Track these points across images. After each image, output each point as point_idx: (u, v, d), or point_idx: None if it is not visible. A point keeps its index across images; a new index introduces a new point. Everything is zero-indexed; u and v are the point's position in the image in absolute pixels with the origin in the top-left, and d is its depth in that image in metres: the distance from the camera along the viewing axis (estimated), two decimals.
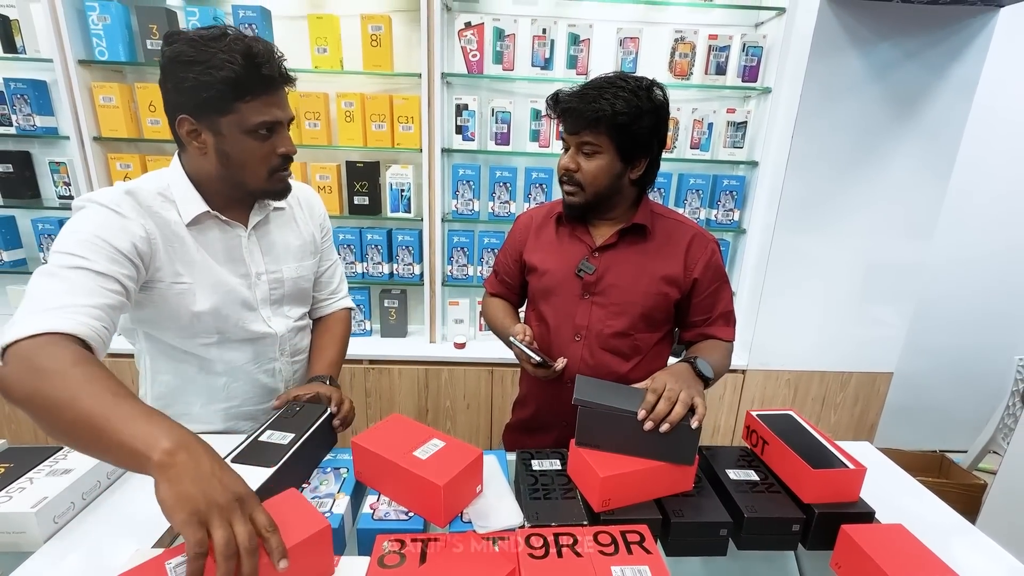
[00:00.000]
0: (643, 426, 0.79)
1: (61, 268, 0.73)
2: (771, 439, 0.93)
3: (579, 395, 0.80)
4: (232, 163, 0.86)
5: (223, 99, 0.80)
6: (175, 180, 0.89)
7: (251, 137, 0.84)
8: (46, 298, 0.70)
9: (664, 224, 1.06)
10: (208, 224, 0.92)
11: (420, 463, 0.78)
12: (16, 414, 1.96)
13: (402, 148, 1.89)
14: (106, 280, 0.76)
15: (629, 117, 0.92)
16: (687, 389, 0.84)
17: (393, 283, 2.06)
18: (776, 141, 1.83)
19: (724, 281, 1.09)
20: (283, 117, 0.86)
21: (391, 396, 2.00)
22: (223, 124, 0.82)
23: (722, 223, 1.99)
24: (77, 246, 0.75)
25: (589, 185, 0.98)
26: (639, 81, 0.95)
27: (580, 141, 0.96)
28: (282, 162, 0.89)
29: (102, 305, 0.73)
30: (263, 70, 0.80)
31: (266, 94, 0.83)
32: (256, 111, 0.82)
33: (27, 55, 1.77)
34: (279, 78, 0.84)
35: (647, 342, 1.08)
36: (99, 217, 0.80)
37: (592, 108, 0.91)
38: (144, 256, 0.83)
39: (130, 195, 0.84)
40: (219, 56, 0.77)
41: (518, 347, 1.00)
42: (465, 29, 1.78)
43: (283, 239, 1.02)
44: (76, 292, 0.71)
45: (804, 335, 1.99)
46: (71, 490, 0.80)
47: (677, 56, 1.81)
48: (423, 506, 0.77)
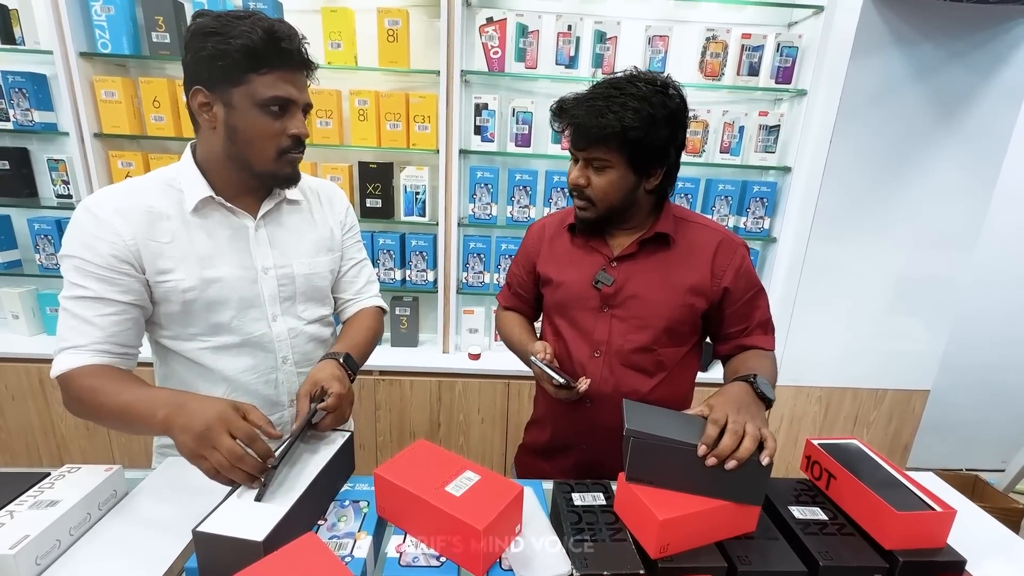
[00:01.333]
0: (705, 462, 0.70)
1: (69, 300, 0.81)
2: (839, 473, 0.83)
3: (631, 425, 0.70)
4: (239, 138, 0.82)
5: (237, 68, 0.78)
6: (184, 168, 0.87)
7: (262, 112, 0.80)
8: (65, 336, 0.81)
9: (688, 230, 0.98)
10: (213, 211, 0.88)
11: (454, 501, 0.69)
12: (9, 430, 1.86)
13: (417, 149, 1.81)
14: (103, 305, 0.81)
15: (641, 130, 0.83)
16: (752, 420, 0.75)
17: (405, 290, 1.97)
18: (811, 146, 1.74)
19: (759, 288, 1.00)
20: (297, 97, 0.83)
21: (402, 409, 1.90)
22: (235, 95, 0.79)
23: (751, 231, 1.90)
24: (73, 273, 0.81)
25: (601, 200, 0.92)
26: (651, 83, 0.86)
27: (589, 156, 0.89)
28: (293, 144, 0.84)
29: (105, 336, 0.82)
30: (282, 44, 0.78)
31: (282, 69, 0.80)
32: (269, 85, 0.79)
33: (26, 47, 1.69)
34: (297, 57, 0.81)
35: (671, 358, 1.00)
36: (83, 226, 0.81)
37: (599, 124, 0.84)
38: (130, 259, 0.82)
39: (119, 194, 0.84)
40: (240, 28, 0.76)
41: (539, 367, 0.93)
42: (487, 25, 1.69)
43: (296, 232, 0.96)
44: (82, 331, 0.81)
45: (837, 350, 1.89)
46: (57, 526, 0.71)
47: (708, 56, 1.73)
48: (458, 551, 0.67)
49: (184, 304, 0.86)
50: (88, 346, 0.80)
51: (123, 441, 1.91)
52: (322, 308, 1.03)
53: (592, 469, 1.07)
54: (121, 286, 0.82)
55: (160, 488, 0.85)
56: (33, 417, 1.86)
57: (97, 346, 0.81)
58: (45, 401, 1.84)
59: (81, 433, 1.89)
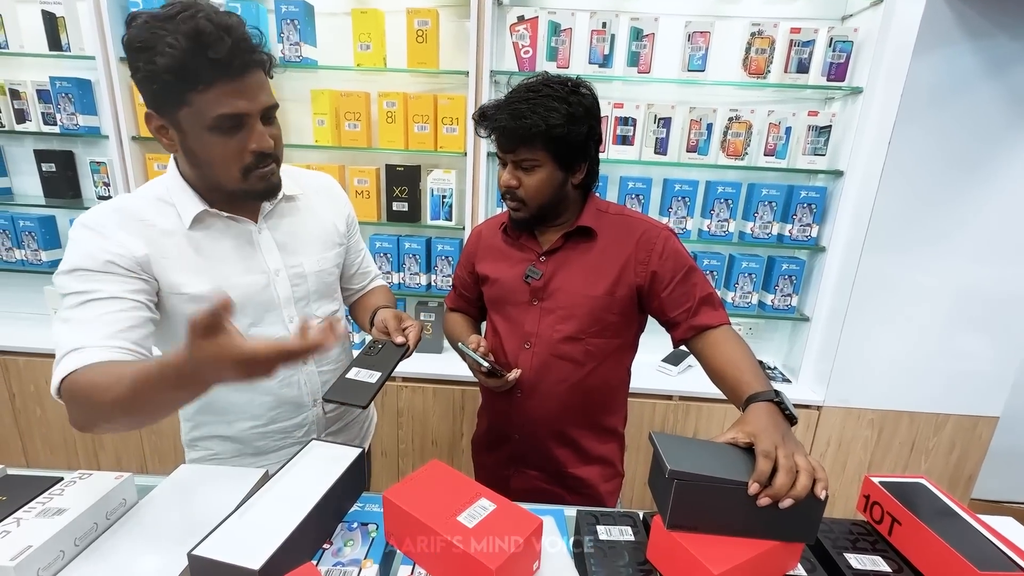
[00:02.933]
0: (756, 501, 0.62)
1: (68, 310, 0.73)
2: (905, 518, 0.73)
3: (675, 465, 0.62)
4: (200, 162, 0.77)
5: (172, 91, 0.69)
6: (171, 182, 0.83)
7: (213, 133, 0.72)
8: (63, 343, 0.71)
9: (611, 222, 1.02)
10: (212, 223, 0.84)
11: (466, 533, 0.63)
12: (32, 434, 1.93)
13: (445, 151, 1.77)
14: (112, 303, 0.74)
15: (563, 127, 0.89)
16: (799, 449, 0.68)
17: (430, 295, 1.93)
18: (867, 148, 1.61)
19: (690, 266, 0.99)
20: (248, 108, 0.72)
21: (424, 418, 1.86)
22: (181, 119, 0.72)
23: (797, 239, 1.77)
24: (73, 282, 0.74)
25: (533, 199, 0.96)
26: (564, 84, 0.92)
27: (517, 158, 0.93)
28: (256, 160, 0.76)
29: (115, 331, 0.72)
30: (209, 53, 0.67)
31: (222, 82, 0.69)
32: (212, 103, 0.70)
33: (71, 53, 1.74)
34: (236, 63, 0.70)
35: (602, 348, 1.02)
36: (83, 243, 0.76)
37: (524, 125, 0.88)
38: (142, 268, 0.78)
39: (117, 212, 0.79)
40: (165, 39, 0.66)
41: (465, 352, 0.98)
42: (518, 24, 1.64)
43: (301, 230, 0.94)
44: (85, 330, 0.71)
45: (892, 369, 1.74)
46: (62, 536, 0.68)
47: (753, 52, 1.62)
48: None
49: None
50: (91, 345, 0.69)
51: (154, 440, 1.94)
52: (333, 304, 1.02)
53: (525, 459, 1.10)
54: (129, 285, 0.75)
55: (170, 497, 0.83)
56: None
57: (103, 342, 0.70)
58: None
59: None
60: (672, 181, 1.77)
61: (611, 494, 1.12)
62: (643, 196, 1.78)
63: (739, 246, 1.86)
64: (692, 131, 1.71)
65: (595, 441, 1.08)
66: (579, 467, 1.08)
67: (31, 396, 1.89)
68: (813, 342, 1.82)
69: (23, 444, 1.97)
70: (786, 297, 1.84)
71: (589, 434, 1.07)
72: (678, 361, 1.90)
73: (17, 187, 2.02)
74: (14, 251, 1.94)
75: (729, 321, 0.98)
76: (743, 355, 0.90)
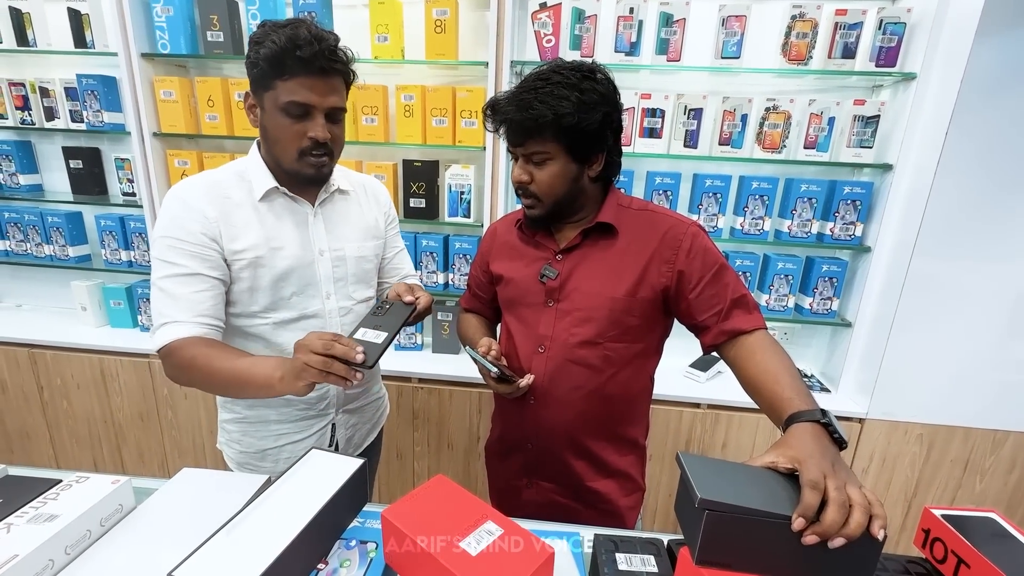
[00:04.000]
0: (802, 538, 0.54)
1: (163, 280, 0.89)
2: (976, 561, 0.63)
3: (705, 493, 0.54)
4: (269, 137, 0.92)
5: (265, 76, 0.86)
6: (251, 162, 0.97)
7: (284, 115, 0.88)
8: (164, 312, 0.89)
9: (634, 218, 0.95)
10: (278, 199, 0.97)
11: (468, 564, 0.56)
12: (48, 431, 1.96)
13: (464, 146, 1.71)
14: (197, 281, 0.89)
15: (573, 116, 0.83)
16: (851, 480, 0.59)
17: (448, 294, 1.88)
18: (920, 139, 1.47)
19: (720, 264, 0.91)
20: (317, 102, 0.87)
21: (440, 419, 1.81)
22: (266, 99, 0.88)
23: (839, 238, 1.64)
24: (167, 251, 0.89)
25: (546, 195, 0.91)
26: (577, 70, 0.86)
27: (527, 152, 0.88)
28: (311, 146, 0.90)
29: (201, 311, 0.89)
30: (298, 52, 0.83)
31: (302, 76, 0.85)
32: (289, 90, 0.86)
33: (96, 50, 1.75)
34: (316, 64, 0.85)
35: (622, 354, 0.95)
36: (172, 211, 0.90)
37: (530, 116, 0.83)
38: (216, 238, 0.90)
39: (203, 184, 0.93)
40: (272, 37, 0.84)
41: (474, 357, 0.93)
42: (540, 11, 1.57)
43: (346, 219, 1.05)
44: (180, 306, 0.88)
45: (944, 381, 1.60)
46: (51, 544, 0.65)
47: (794, 36, 1.51)
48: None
49: (254, 279, 0.94)
50: (187, 320, 0.87)
51: (174, 435, 1.95)
52: (368, 290, 1.11)
53: (538, 470, 1.04)
54: (210, 262, 0.90)
55: (168, 503, 0.79)
56: (95, 406, 1.94)
57: (196, 319, 0.88)
58: (105, 391, 1.92)
59: (136, 424, 1.95)
60: (703, 176, 1.66)
61: (631, 509, 1.04)
62: (671, 192, 1.68)
63: (775, 245, 1.74)
64: (725, 122, 1.60)
65: (614, 453, 1.01)
66: (596, 480, 1.00)
67: (58, 389, 1.93)
68: (855, 349, 1.69)
69: (51, 436, 2.01)
70: (826, 300, 1.71)
71: (607, 445, 1.00)
72: (707, 366, 1.80)
73: (47, 183, 2.06)
74: (43, 246, 1.98)
75: (765, 325, 0.90)
76: (782, 365, 0.81)
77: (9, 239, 2.00)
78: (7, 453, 2.05)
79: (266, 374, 0.81)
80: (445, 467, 1.86)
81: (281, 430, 1.06)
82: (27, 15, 1.75)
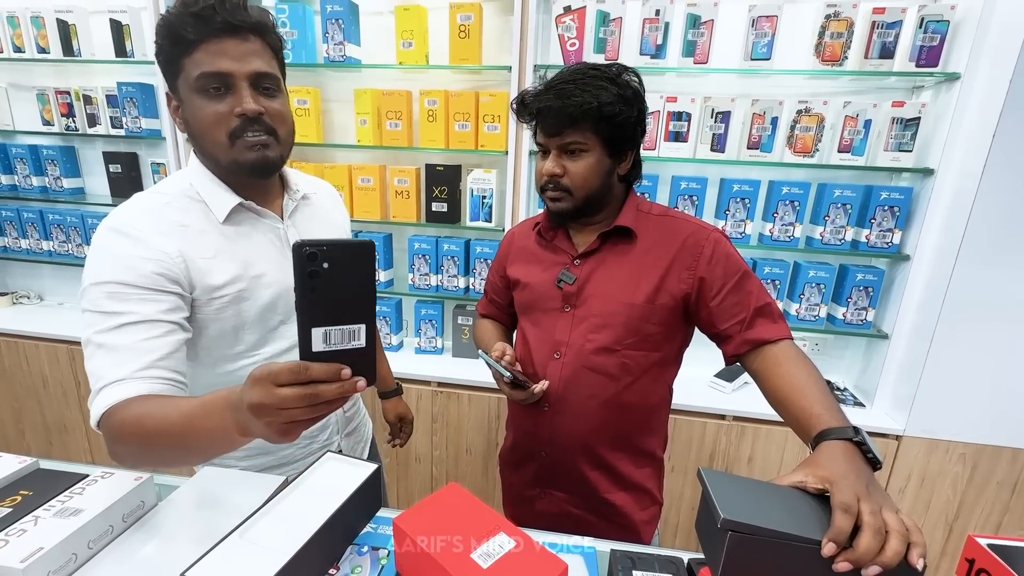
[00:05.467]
0: (834, 565, 0.51)
1: (101, 334, 0.69)
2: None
3: (728, 513, 0.52)
4: (194, 132, 0.75)
5: (171, 59, 0.72)
6: (196, 177, 0.80)
7: (201, 96, 0.72)
8: (101, 373, 0.68)
9: (654, 223, 0.93)
10: (244, 218, 0.82)
11: (479, 575, 0.55)
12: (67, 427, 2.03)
13: (486, 150, 1.71)
14: (148, 328, 0.70)
15: (614, 107, 0.83)
16: (887, 503, 0.55)
17: (469, 299, 1.88)
18: (965, 142, 1.40)
19: (744, 271, 0.89)
20: (234, 68, 0.71)
21: (458, 424, 1.80)
22: (180, 88, 0.74)
23: (875, 246, 1.57)
24: (106, 301, 0.69)
25: (579, 188, 0.88)
26: (609, 68, 0.86)
27: (564, 142, 0.86)
28: (244, 124, 0.73)
29: (150, 361, 0.69)
30: (192, 9, 0.69)
31: (208, 41, 0.70)
32: (197, 63, 0.71)
33: (135, 58, 1.82)
34: (219, 20, 0.69)
35: (639, 362, 0.92)
36: (116, 250, 0.72)
37: (574, 103, 0.82)
38: (177, 278, 0.74)
39: (149, 213, 0.76)
40: (167, 12, 0.71)
41: (488, 362, 0.91)
42: (564, 15, 1.56)
43: (320, 229, 0.93)
44: (121, 359, 0.68)
45: (989, 397, 1.51)
46: (75, 538, 0.67)
47: (828, 37, 1.45)
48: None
49: (238, 316, 0.80)
50: (132, 376, 0.67)
51: None
52: None
53: (552, 480, 1.01)
54: (166, 304, 0.72)
55: (189, 501, 0.80)
56: None
57: (143, 373, 0.67)
58: None
59: None
60: (730, 181, 1.62)
61: (647, 524, 1.01)
62: (697, 197, 1.64)
63: (806, 253, 1.68)
64: (754, 126, 1.56)
65: (630, 465, 0.98)
66: (612, 492, 0.98)
67: None
68: (892, 362, 1.61)
69: (86, 430, 2.08)
70: (860, 311, 1.64)
71: (624, 456, 0.97)
72: (733, 377, 1.74)
73: (88, 187, 2.16)
74: (84, 247, 2.07)
75: (791, 335, 0.86)
76: (810, 378, 0.77)
77: (52, 240, 2.10)
78: (46, 445, 2.13)
79: (214, 416, 0.58)
80: (463, 472, 1.86)
81: (287, 471, 0.94)
82: (73, 27, 1.84)
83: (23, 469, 0.79)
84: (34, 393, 2.06)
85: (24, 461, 0.80)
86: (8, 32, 1.88)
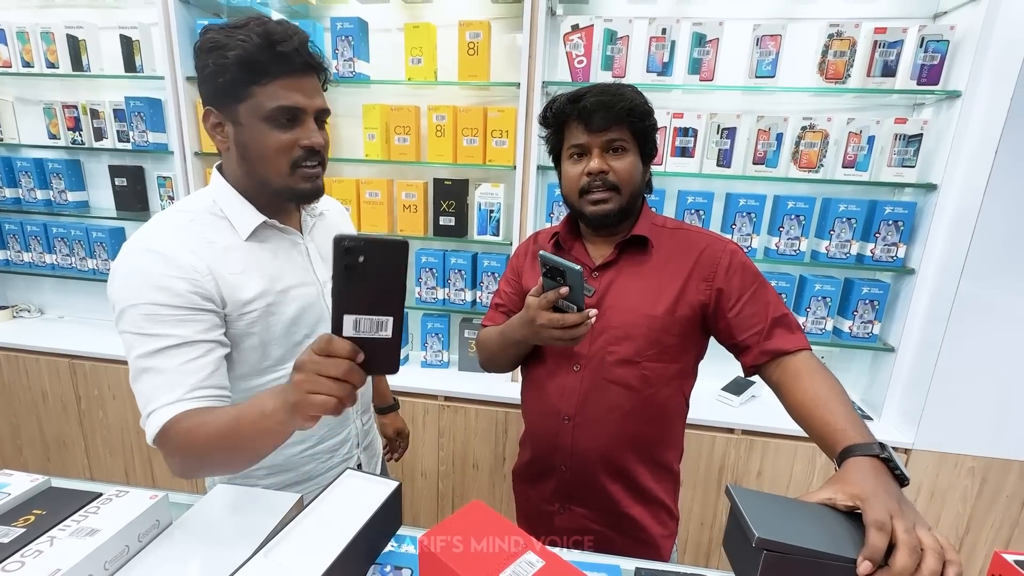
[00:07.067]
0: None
1: (143, 359, 0.72)
2: None
3: (763, 532, 0.51)
4: (251, 156, 0.77)
5: (238, 82, 0.73)
6: (220, 195, 0.81)
7: (269, 125, 0.75)
8: (152, 396, 0.72)
9: (669, 236, 0.95)
10: (268, 235, 0.84)
11: None
12: (93, 445, 2.00)
13: (494, 165, 1.72)
14: (189, 349, 0.73)
15: (646, 112, 0.89)
16: (920, 522, 0.55)
17: (476, 312, 1.88)
18: (967, 158, 1.42)
19: (760, 281, 0.90)
20: (306, 104, 0.76)
21: (465, 438, 1.79)
22: (241, 112, 0.75)
23: (880, 260, 1.59)
24: (145, 323, 0.72)
25: (626, 184, 0.89)
26: (629, 86, 0.91)
27: (608, 139, 0.88)
28: (305, 155, 0.78)
29: (197, 382, 0.72)
30: (278, 47, 0.72)
31: (285, 76, 0.74)
32: (272, 95, 0.74)
33: (144, 74, 1.83)
34: (299, 60, 0.74)
35: (660, 374, 0.92)
36: (146, 268, 0.73)
37: (618, 101, 0.86)
38: (210, 296, 0.76)
39: (179, 230, 0.77)
40: (237, 38, 0.72)
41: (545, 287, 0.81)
42: (572, 33, 1.58)
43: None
44: (170, 383, 0.71)
45: (998, 410, 1.51)
46: (92, 559, 0.65)
47: (831, 55, 1.48)
48: None
49: (265, 331, 0.82)
50: (181, 399, 0.71)
51: None
52: None
53: (572, 495, 1.00)
54: (204, 324, 0.74)
55: (204, 520, 0.79)
56: (129, 416, 1.98)
57: (191, 394, 0.71)
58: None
59: None
60: (736, 195, 1.64)
61: (666, 538, 1.00)
62: (703, 211, 1.65)
63: (811, 266, 1.69)
64: (759, 141, 1.58)
65: (650, 478, 0.97)
66: (632, 506, 0.97)
67: (95, 399, 1.98)
68: (899, 375, 1.62)
69: (86, 445, 2.05)
70: (866, 324, 1.65)
71: (644, 469, 0.97)
72: (741, 390, 1.74)
73: (93, 200, 2.15)
74: (87, 260, 2.06)
75: (810, 347, 0.86)
76: (832, 391, 0.77)
77: (56, 253, 2.09)
78: (44, 462, 2.10)
79: (261, 410, 0.63)
80: (470, 487, 1.84)
81: (308, 488, 0.94)
82: (83, 42, 1.85)
83: (35, 488, 0.78)
84: (33, 408, 2.03)
85: (36, 479, 0.79)
86: (18, 47, 1.89)
